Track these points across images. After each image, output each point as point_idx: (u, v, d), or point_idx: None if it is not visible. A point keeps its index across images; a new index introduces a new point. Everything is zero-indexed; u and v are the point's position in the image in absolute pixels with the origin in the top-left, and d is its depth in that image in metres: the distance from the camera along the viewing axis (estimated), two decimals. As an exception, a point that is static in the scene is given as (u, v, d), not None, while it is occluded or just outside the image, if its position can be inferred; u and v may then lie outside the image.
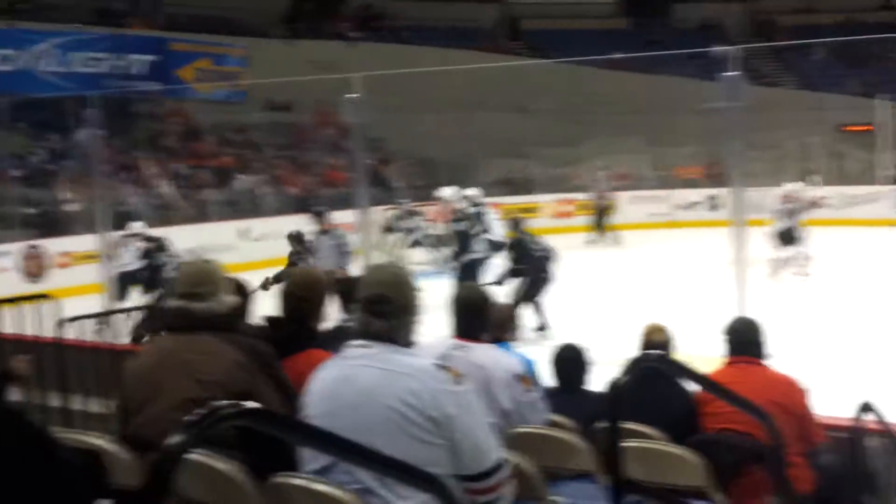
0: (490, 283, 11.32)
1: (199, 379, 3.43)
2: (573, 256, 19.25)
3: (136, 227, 13.51)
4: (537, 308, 12.14)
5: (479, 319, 4.42)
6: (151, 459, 2.16)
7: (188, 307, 3.62)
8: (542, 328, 11.98)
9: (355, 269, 11.42)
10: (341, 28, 30.16)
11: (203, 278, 3.71)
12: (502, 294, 10.56)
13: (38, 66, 23.27)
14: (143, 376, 3.54)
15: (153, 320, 10.31)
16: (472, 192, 14.79)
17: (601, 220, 23.30)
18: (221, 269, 3.82)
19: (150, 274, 12.83)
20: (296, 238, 12.54)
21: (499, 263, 12.76)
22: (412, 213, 18.89)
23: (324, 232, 12.86)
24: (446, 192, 15.19)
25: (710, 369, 4.83)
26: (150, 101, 24.64)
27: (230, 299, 3.76)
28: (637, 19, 34.11)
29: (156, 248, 13.07)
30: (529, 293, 12.10)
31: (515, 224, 12.96)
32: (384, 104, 20.66)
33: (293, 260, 12.25)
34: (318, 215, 13.19)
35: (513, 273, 12.30)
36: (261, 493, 2.96)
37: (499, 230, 13.38)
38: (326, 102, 23.84)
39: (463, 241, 12.83)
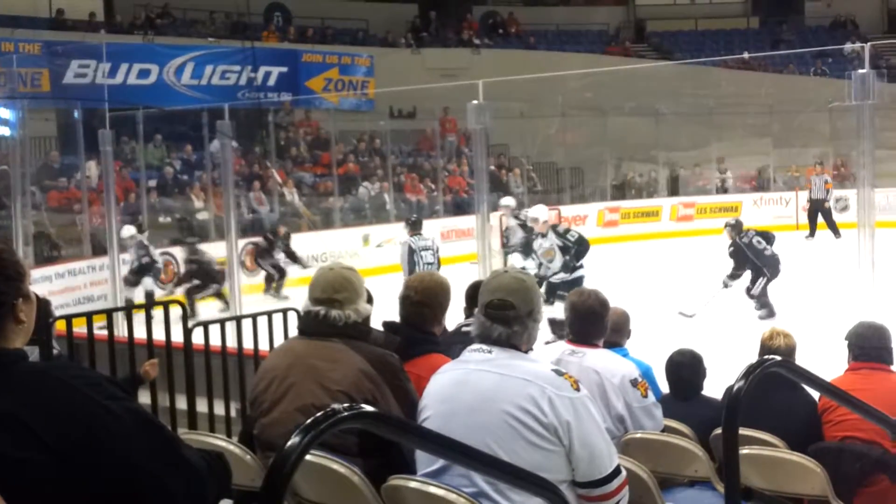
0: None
1: (324, 386, 3.45)
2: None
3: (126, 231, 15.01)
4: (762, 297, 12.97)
5: (594, 325, 4.42)
6: (272, 461, 2.23)
7: (325, 313, 3.62)
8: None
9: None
10: (466, 35, 30.33)
11: (343, 285, 3.68)
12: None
13: (175, 79, 24.07)
14: (274, 378, 3.58)
15: None
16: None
17: (817, 217, 22.45)
18: (361, 277, 3.79)
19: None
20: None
21: None
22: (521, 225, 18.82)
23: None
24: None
25: (833, 375, 4.73)
26: (280, 112, 25.22)
27: (366, 308, 3.73)
28: (766, 18, 33.34)
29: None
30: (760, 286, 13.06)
31: (736, 229, 13.55)
32: (508, 109, 20.83)
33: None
34: (411, 224, 13.80)
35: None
36: (377, 496, 3.02)
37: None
38: (450, 109, 24.15)
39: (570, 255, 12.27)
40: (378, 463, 3.29)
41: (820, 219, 22.11)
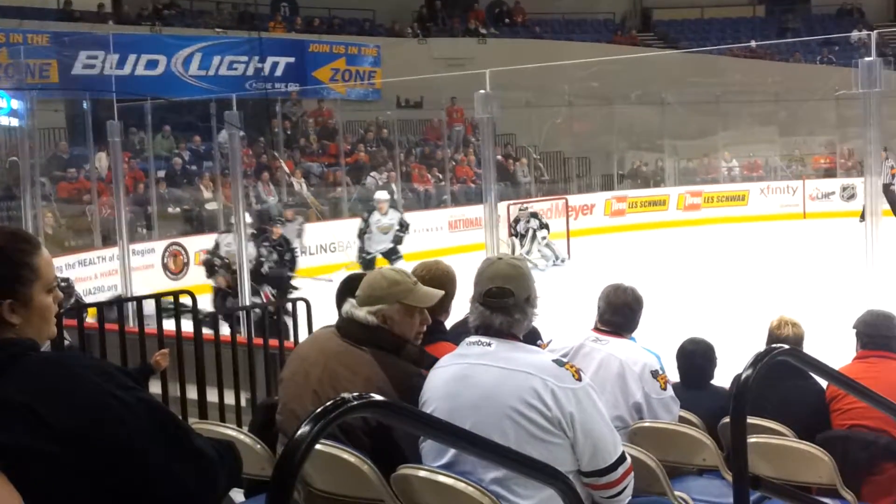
0: None
1: (339, 394, 3.38)
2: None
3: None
4: None
5: (626, 318, 4.46)
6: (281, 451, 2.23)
7: (358, 318, 3.51)
8: None
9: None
10: (472, 25, 30.31)
11: (362, 286, 3.58)
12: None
13: (182, 70, 24.08)
14: (299, 369, 3.53)
15: None
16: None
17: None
18: (397, 281, 3.57)
19: None
20: None
21: None
22: (533, 215, 18.92)
23: None
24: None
25: (841, 364, 4.73)
26: (288, 103, 25.23)
27: (359, 314, 3.54)
28: (772, 6, 33.26)
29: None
30: None
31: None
32: (514, 99, 20.81)
33: None
34: None
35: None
36: (386, 485, 3.03)
37: None
38: (457, 99, 24.17)
39: None
40: (387, 459, 3.27)
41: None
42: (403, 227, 15.68)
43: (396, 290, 3.54)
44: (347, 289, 3.92)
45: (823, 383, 4.70)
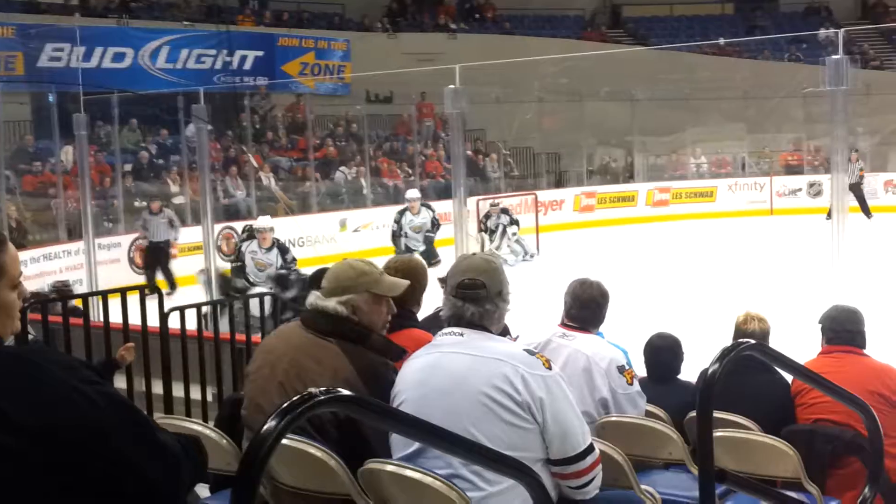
0: None
1: (306, 386, 3.35)
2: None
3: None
4: None
5: (592, 313, 4.49)
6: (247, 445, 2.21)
7: (327, 309, 3.50)
8: None
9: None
10: (442, 20, 30.27)
11: (327, 276, 3.58)
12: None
13: (150, 63, 23.90)
14: (266, 362, 3.51)
15: None
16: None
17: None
18: (362, 272, 3.59)
19: None
20: None
21: None
22: (503, 211, 18.92)
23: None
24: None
25: (807, 359, 4.76)
26: (256, 96, 25.11)
27: (326, 304, 3.53)
28: (741, 4, 33.47)
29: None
30: None
31: None
32: (484, 94, 20.84)
33: None
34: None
35: None
36: (353, 480, 3.02)
37: None
38: (427, 94, 24.15)
39: None
40: (355, 451, 3.26)
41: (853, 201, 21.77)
42: (435, 226, 15.48)
43: (364, 279, 3.58)
44: (316, 284, 3.91)
45: (789, 378, 4.74)
